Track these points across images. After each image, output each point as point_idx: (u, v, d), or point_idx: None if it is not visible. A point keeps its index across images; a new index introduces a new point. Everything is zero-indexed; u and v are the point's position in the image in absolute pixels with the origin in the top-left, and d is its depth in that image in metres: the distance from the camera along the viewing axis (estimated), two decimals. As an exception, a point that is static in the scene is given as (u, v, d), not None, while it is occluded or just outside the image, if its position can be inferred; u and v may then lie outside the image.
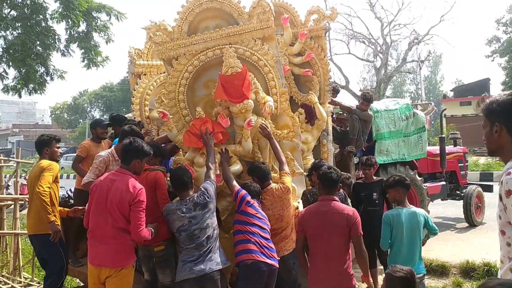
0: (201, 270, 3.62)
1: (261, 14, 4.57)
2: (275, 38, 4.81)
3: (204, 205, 3.79)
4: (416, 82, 54.09)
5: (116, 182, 3.63)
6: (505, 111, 2.11)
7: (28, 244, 7.55)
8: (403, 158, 7.79)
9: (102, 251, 3.60)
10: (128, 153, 3.76)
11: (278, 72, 4.71)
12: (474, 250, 7.19)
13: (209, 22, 4.67)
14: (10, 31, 13.37)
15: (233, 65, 4.30)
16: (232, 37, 4.56)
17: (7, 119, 65.73)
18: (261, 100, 4.47)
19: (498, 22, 33.78)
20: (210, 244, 3.73)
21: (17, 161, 6.39)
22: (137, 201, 3.56)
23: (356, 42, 29.90)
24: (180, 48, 4.57)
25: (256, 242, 3.82)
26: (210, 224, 3.78)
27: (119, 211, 3.57)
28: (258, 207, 4.03)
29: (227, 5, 4.60)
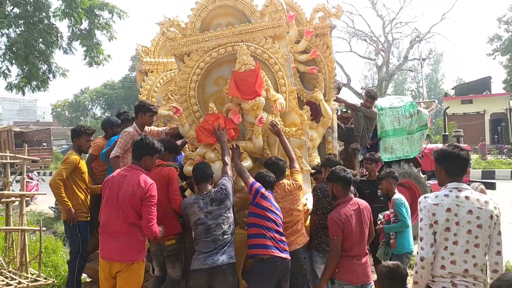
0: (214, 262, 3.69)
1: (274, 12, 4.62)
2: (286, 36, 4.85)
3: (220, 201, 3.86)
4: (418, 80, 54.16)
5: (128, 177, 3.68)
6: (441, 158, 2.99)
7: (33, 241, 7.61)
8: (407, 156, 7.85)
9: (113, 246, 3.64)
10: (139, 150, 3.80)
11: (288, 70, 4.76)
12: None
13: (221, 19, 4.71)
14: (13, 28, 13.40)
15: (246, 62, 4.35)
16: (244, 35, 4.60)
17: (8, 117, 65.68)
18: (271, 97, 4.51)
19: (499, 20, 33.77)
20: (226, 239, 3.79)
21: (24, 157, 6.42)
22: (149, 195, 3.61)
23: (357, 40, 29.95)
24: (192, 44, 4.61)
25: (271, 237, 3.87)
26: (226, 219, 3.85)
27: (131, 206, 3.62)
28: (273, 199, 4.06)
29: (240, 3, 4.65)
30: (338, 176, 3.91)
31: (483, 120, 29.83)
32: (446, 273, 2.80)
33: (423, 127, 8.22)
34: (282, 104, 4.45)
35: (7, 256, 6.43)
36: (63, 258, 7.10)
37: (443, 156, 2.98)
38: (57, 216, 11.33)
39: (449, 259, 2.79)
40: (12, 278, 5.60)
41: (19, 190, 6.43)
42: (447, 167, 2.96)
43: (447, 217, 2.80)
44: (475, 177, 13.55)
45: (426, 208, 2.88)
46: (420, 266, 2.83)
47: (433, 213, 2.84)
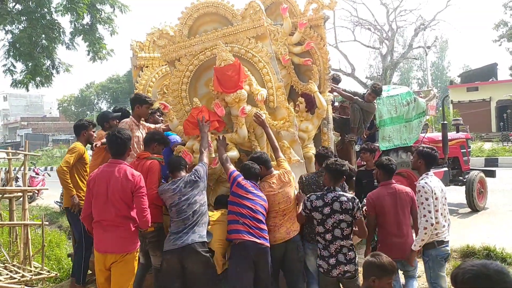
0: (183, 242, 3.88)
1: (253, 14, 4.93)
2: (268, 36, 5.13)
3: (193, 182, 4.10)
4: (423, 68, 53.67)
5: (113, 173, 3.81)
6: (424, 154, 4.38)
7: (38, 235, 7.76)
8: (405, 143, 7.88)
9: (107, 238, 3.77)
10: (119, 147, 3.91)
11: (273, 68, 5.02)
12: (475, 234, 7.26)
13: (207, 26, 5.07)
14: (16, 25, 13.48)
15: (225, 58, 4.64)
16: (228, 37, 4.96)
17: (15, 112, 66.16)
18: (255, 91, 4.73)
19: (505, 6, 33.32)
20: (196, 219, 3.99)
21: (25, 153, 6.54)
22: (138, 187, 3.78)
23: (361, 29, 29.72)
24: (181, 49, 4.96)
25: (244, 223, 4.07)
26: (198, 200, 4.07)
27: (122, 200, 3.75)
28: (252, 187, 4.24)
29: (221, 9, 4.99)
30: (382, 164, 4.54)
31: (489, 107, 29.60)
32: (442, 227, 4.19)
33: (421, 115, 8.24)
34: (262, 95, 4.70)
35: (11, 250, 6.59)
36: (67, 251, 7.24)
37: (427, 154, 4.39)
38: (62, 210, 11.50)
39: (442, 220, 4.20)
40: (16, 271, 5.75)
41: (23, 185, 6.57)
42: (428, 162, 4.40)
43: (438, 194, 4.19)
44: (477, 165, 13.54)
45: (429, 190, 4.14)
46: (429, 229, 4.08)
47: (434, 192, 4.16)
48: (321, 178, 4.47)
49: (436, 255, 4.21)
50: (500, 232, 7.39)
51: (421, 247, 4.19)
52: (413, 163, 4.61)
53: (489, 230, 7.56)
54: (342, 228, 3.90)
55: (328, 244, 3.95)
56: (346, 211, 3.90)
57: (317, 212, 3.97)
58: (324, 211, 3.94)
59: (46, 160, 32.62)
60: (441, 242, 4.23)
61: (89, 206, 3.89)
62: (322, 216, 3.95)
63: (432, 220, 4.07)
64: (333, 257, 3.92)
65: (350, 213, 3.90)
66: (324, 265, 3.97)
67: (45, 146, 45.34)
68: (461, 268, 1.86)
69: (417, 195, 4.26)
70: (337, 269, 3.89)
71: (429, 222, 4.07)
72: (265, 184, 4.44)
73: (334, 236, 3.91)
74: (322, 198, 3.98)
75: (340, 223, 3.90)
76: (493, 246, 6.22)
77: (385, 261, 3.06)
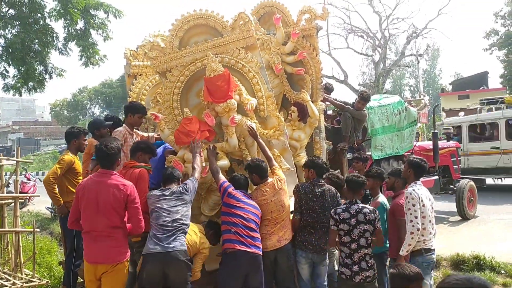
0: (164, 247, 3.86)
1: (242, 25, 5.00)
2: (258, 46, 5.20)
3: (179, 193, 4.13)
4: (415, 76, 54.04)
5: (103, 183, 3.80)
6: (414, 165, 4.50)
7: (29, 241, 7.71)
8: (397, 152, 7.96)
9: (98, 249, 3.77)
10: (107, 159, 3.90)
11: (263, 77, 5.08)
12: (465, 243, 7.34)
13: (198, 38, 5.09)
14: (9, 29, 13.44)
15: (214, 68, 4.70)
16: (218, 48, 5.00)
17: (7, 116, 65.68)
18: (244, 101, 4.80)
19: (496, 15, 33.69)
20: (175, 227, 3.96)
21: (17, 160, 6.52)
22: (133, 197, 3.81)
23: (354, 36, 29.91)
24: (172, 61, 4.99)
25: (236, 232, 4.13)
26: (180, 211, 4.05)
27: (114, 210, 3.76)
28: (243, 197, 4.31)
29: (211, 20, 5.04)
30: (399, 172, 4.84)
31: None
32: (429, 234, 4.30)
33: (413, 124, 8.36)
34: (252, 105, 4.77)
35: (2, 257, 6.54)
36: (58, 259, 7.21)
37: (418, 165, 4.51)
38: (53, 216, 11.44)
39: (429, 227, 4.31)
40: (6, 279, 5.70)
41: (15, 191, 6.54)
42: (417, 172, 4.51)
43: (425, 202, 4.29)
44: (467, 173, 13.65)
45: (416, 197, 4.26)
46: (416, 234, 4.18)
47: (422, 200, 4.28)
48: (317, 187, 4.55)
49: (422, 262, 4.29)
50: (489, 240, 7.47)
51: (408, 252, 4.27)
52: (403, 172, 4.73)
53: (479, 238, 7.64)
54: (366, 238, 4.22)
55: (352, 252, 4.21)
56: (370, 221, 4.22)
57: (345, 224, 4.22)
58: (351, 222, 4.21)
59: (37, 165, 32.42)
60: (428, 250, 4.34)
61: (77, 212, 3.88)
62: (349, 227, 4.21)
63: (418, 226, 4.18)
64: (356, 264, 4.20)
65: (373, 223, 4.23)
66: (347, 272, 4.22)
67: (36, 151, 45.03)
68: (445, 282, 1.91)
69: (404, 201, 4.36)
70: (359, 275, 4.18)
71: (415, 227, 4.19)
72: (258, 192, 4.49)
73: (360, 245, 4.20)
74: (348, 211, 4.25)
75: (365, 232, 4.21)
76: (482, 255, 6.29)
77: (406, 270, 3.10)
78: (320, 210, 4.51)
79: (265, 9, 6.34)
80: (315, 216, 4.51)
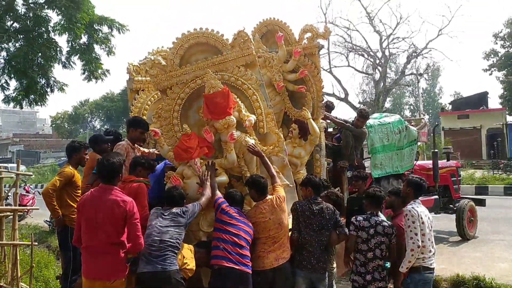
0: (154, 268, 3.87)
1: (242, 43, 5.07)
2: (257, 64, 5.27)
3: (176, 215, 4.14)
4: (415, 95, 54.29)
5: (103, 198, 3.77)
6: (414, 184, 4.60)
7: (26, 255, 7.66)
8: (396, 171, 7.96)
9: (95, 265, 3.73)
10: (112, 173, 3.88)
11: (262, 94, 5.15)
12: (465, 263, 7.30)
13: (199, 56, 5.17)
14: (13, 42, 13.54)
15: (214, 85, 4.77)
16: (218, 66, 5.08)
17: (8, 128, 65.81)
18: (243, 117, 4.85)
19: (496, 36, 34.01)
20: (163, 248, 3.94)
21: (17, 173, 6.51)
22: (132, 213, 3.76)
23: (355, 55, 30.19)
24: (172, 78, 5.07)
25: (224, 248, 4.13)
26: (172, 233, 4.03)
27: (112, 226, 3.72)
28: (236, 213, 4.33)
29: (211, 39, 5.11)
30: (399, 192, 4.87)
31: (479, 135, 29.94)
32: (428, 252, 4.33)
33: (413, 143, 8.37)
34: (251, 121, 4.83)
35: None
36: (55, 272, 7.16)
37: (417, 184, 4.57)
38: (51, 229, 11.38)
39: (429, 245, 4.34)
40: (2, 292, 5.66)
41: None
42: (416, 190, 4.57)
43: (424, 219, 4.34)
44: (468, 193, 13.64)
45: (416, 215, 4.31)
46: (416, 251, 4.22)
47: (421, 217, 4.32)
48: (314, 205, 4.53)
49: (419, 280, 4.35)
50: (490, 261, 7.43)
51: (407, 269, 4.30)
52: (402, 191, 4.79)
53: (479, 259, 7.60)
54: (382, 249, 4.44)
55: (367, 261, 4.43)
56: (387, 235, 4.46)
57: (364, 232, 4.47)
58: (370, 231, 4.45)
59: (37, 178, 32.35)
60: (427, 268, 4.36)
61: (80, 228, 3.86)
62: (367, 236, 4.45)
63: (418, 242, 4.24)
64: (369, 274, 4.42)
65: (389, 237, 4.46)
66: (360, 280, 4.43)
67: (36, 163, 45.00)
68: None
69: (404, 219, 4.41)
70: (372, 285, 4.39)
71: (416, 244, 4.24)
72: (256, 209, 4.47)
73: (375, 255, 4.43)
74: (368, 220, 4.51)
75: (381, 244, 4.44)
76: (482, 276, 6.24)
77: None
78: (317, 228, 4.48)
79: (268, 27, 6.42)
80: (313, 235, 4.47)
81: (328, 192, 5.02)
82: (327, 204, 4.65)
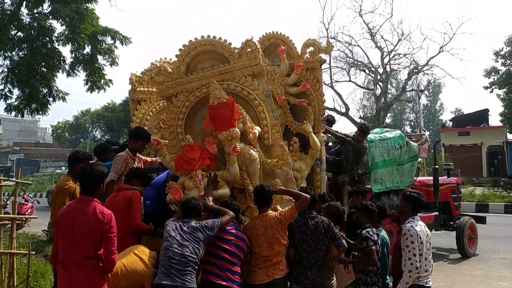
0: (173, 281, 3.78)
1: (250, 52, 5.03)
2: (265, 74, 5.20)
3: (195, 230, 3.99)
4: (416, 111, 54.44)
5: (81, 210, 3.52)
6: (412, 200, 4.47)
7: (23, 264, 7.60)
8: (397, 186, 7.92)
9: (70, 280, 3.48)
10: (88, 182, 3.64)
11: (269, 105, 5.08)
12: (465, 281, 7.23)
13: (205, 63, 5.13)
14: (16, 51, 13.64)
15: (219, 96, 4.75)
16: (224, 75, 5.03)
17: (8, 137, 65.85)
18: (248, 129, 4.81)
19: (496, 54, 34.17)
20: (185, 264, 3.85)
21: (16, 181, 6.50)
22: (109, 227, 3.48)
23: (356, 70, 30.27)
24: (178, 86, 5.05)
25: (215, 264, 4.07)
26: (190, 247, 3.91)
27: (88, 239, 3.46)
28: (230, 227, 4.25)
29: (218, 47, 5.08)
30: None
31: (480, 152, 29.91)
32: (424, 272, 4.25)
33: (413, 158, 8.35)
34: (255, 134, 4.79)
35: (-5, 279, 6.44)
36: (51, 283, 7.08)
37: (415, 199, 4.46)
38: (49, 238, 11.30)
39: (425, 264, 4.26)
40: (-2, 301, 5.61)
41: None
42: (414, 206, 4.45)
43: (423, 238, 4.25)
44: (468, 210, 13.57)
45: (415, 234, 4.20)
46: (414, 272, 4.16)
47: (420, 236, 4.22)
48: (310, 220, 4.46)
49: None
50: (490, 280, 7.36)
51: None
52: (400, 207, 4.67)
53: (479, 277, 7.53)
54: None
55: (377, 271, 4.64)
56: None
57: (377, 245, 4.61)
58: (379, 242, 4.66)
59: (36, 187, 32.27)
60: (422, 287, 4.26)
61: (57, 245, 3.62)
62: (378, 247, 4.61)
63: (417, 264, 4.17)
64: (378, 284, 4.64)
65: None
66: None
67: (36, 172, 44.93)
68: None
69: (402, 238, 4.31)
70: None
71: (414, 265, 4.16)
72: (251, 223, 4.43)
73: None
74: (376, 234, 4.67)
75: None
76: (482, 294, 6.19)
77: None
78: (314, 243, 4.39)
79: (270, 40, 6.45)
80: (310, 250, 4.38)
81: (329, 205, 4.95)
82: (322, 218, 4.54)
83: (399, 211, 4.67)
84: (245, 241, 4.28)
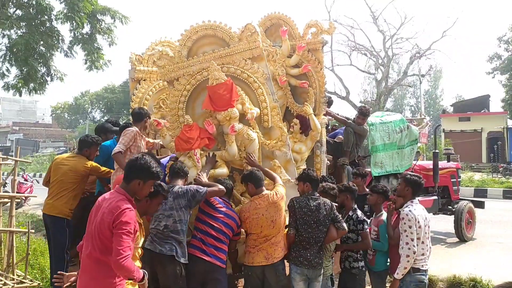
0: (155, 248, 3.99)
1: (249, 36, 5.08)
2: (264, 57, 5.25)
3: (177, 196, 4.13)
4: (417, 96, 54.30)
5: (106, 202, 3.14)
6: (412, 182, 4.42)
7: (23, 243, 7.64)
8: (396, 170, 7.92)
9: (82, 279, 3.19)
10: (130, 171, 3.28)
11: (268, 88, 5.13)
12: (462, 265, 7.27)
13: (206, 48, 5.18)
14: (15, 30, 13.49)
15: (217, 77, 4.79)
16: (224, 58, 5.09)
17: (8, 117, 65.74)
18: (247, 110, 4.85)
19: (499, 40, 33.93)
20: (165, 232, 4.03)
21: (16, 159, 6.48)
22: (119, 222, 2.98)
23: (358, 54, 30.07)
24: (179, 70, 5.10)
25: (201, 239, 4.21)
26: (174, 215, 4.07)
27: (98, 237, 3.06)
28: (219, 204, 4.38)
29: (219, 31, 5.13)
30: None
31: (480, 138, 29.95)
32: (421, 255, 4.26)
33: (413, 142, 8.34)
34: (253, 114, 4.84)
35: (-5, 257, 6.47)
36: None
37: (416, 183, 4.41)
38: (49, 218, 11.33)
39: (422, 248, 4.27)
40: (-3, 279, 5.64)
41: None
42: (414, 190, 4.42)
43: (421, 222, 4.23)
44: (466, 195, 13.62)
45: (413, 218, 4.19)
46: (412, 257, 4.18)
47: (418, 221, 4.21)
48: (312, 201, 4.39)
49: (410, 282, 4.27)
50: (487, 263, 7.41)
51: (403, 275, 4.25)
52: (399, 190, 4.61)
53: (476, 261, 7.58)
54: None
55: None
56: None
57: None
58: None
59: (35, 167, 32.32)
60: (417, 269, 4.28)
61: None
62: None
63: (414, 248, 4.17)
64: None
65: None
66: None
67: (35, 152, 44.94)
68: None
69: (400, 222, 4.30)
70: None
71: (412, 250, 4.18)
72: (251, 204, 4.40)
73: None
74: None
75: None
76: (479, 278, 6.22)
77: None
78: (315, 224, 4.34)
79: (272, 21, 6.38)
80: (310, 231, 4.34)
81: (326, 185, 4.85)
82: (324, 200, 4.49)
83: (398, 194, 4.62)
84: (236, 220, 4.38)
